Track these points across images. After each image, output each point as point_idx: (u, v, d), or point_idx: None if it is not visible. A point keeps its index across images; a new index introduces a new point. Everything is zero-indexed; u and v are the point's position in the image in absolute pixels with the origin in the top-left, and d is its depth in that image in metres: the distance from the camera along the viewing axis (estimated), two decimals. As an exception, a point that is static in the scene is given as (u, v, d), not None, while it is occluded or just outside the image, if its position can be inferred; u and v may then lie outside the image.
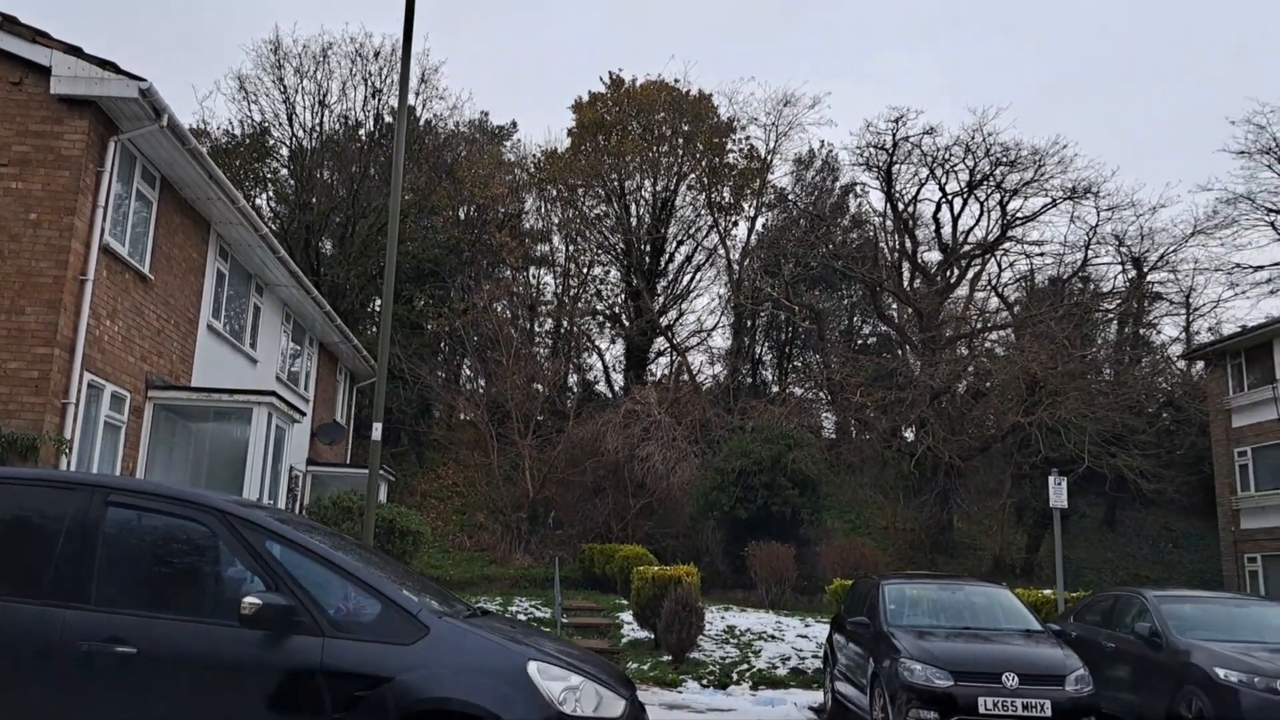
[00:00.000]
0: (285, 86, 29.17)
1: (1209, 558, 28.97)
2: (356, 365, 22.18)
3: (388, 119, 33.02)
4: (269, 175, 31.84)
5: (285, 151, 31.00)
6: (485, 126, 39.41)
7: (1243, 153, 34.61)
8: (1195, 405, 29.58)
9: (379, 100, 30.66)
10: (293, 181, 31.42)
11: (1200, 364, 30.62)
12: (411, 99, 30.85)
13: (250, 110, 30.04)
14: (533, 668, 4.78)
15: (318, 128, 30.29)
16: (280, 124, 30.20)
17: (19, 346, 9.68)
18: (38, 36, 10.06)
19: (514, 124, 40.09)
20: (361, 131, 32.14)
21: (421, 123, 33.89)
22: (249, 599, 4.50)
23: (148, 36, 69.42)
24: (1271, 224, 34.69)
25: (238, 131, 30.79)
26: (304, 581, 4.74)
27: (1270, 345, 26.31)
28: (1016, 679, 8.46)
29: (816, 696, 11.73)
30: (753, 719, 10.25)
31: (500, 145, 38.78)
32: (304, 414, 15.04)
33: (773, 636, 14.96)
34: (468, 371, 33.14)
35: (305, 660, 4.54)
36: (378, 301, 33.93)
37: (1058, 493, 14.26)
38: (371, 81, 30.29)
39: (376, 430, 10.08)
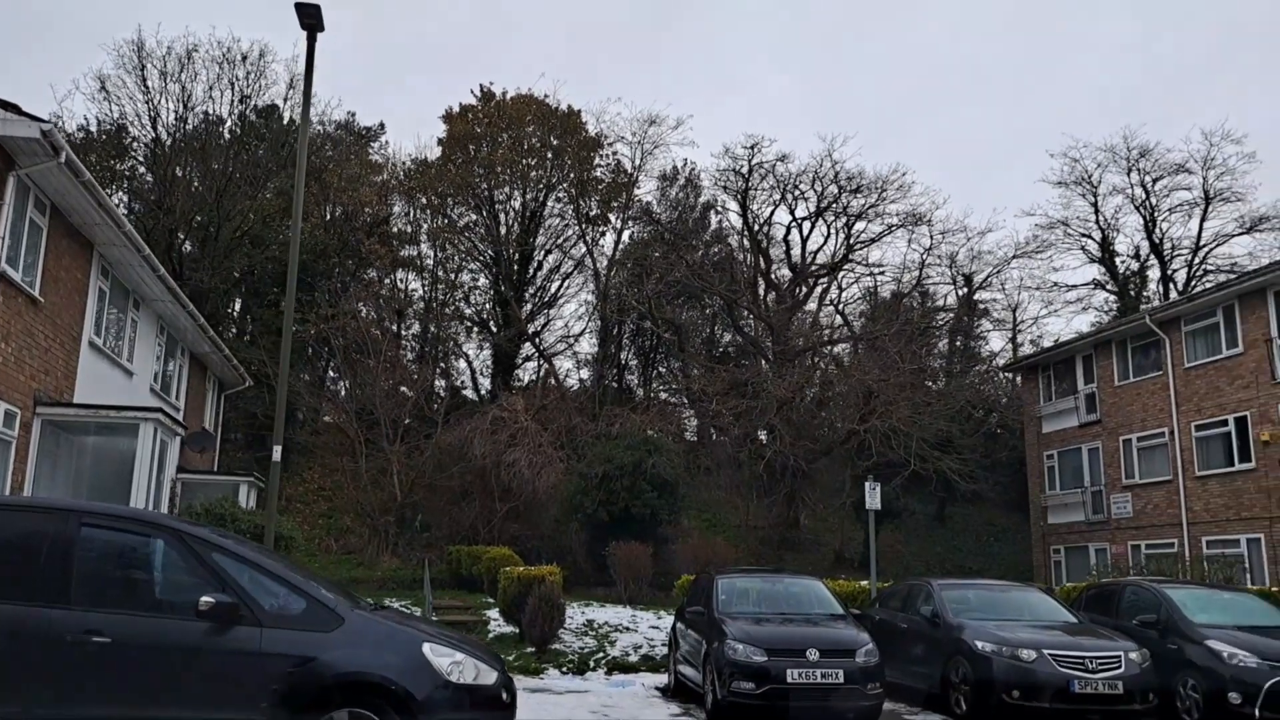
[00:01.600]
0: (149, 87, 29.15)
1: (1023, 549, 32.56)
2: (225, 373, 22.80)
3: (253, 118, 33.23)
4: (125, 173, 31.58)
5: (144, 151, 30.86)
6: (352, 127, 39.82)
7: (1060, 183, 38.90)
8: (1012, 414, 33.20)
9: (246, 105, 30.92)
10: (150, 179, 31.28)
11: (1017, 376, 34.35)
12: (281, 105, 31.30)
13: (110, 109, 29.85)
14: (426, 647, 6.34)
15: (181, 128, 30.34)
16: (141, 123, 30.12)
17: (-81, 370, 10.44)
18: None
19: (381, 125, 40.64)
20: (224, 129, 32.23)
21: (285, 121, 34.21)
22: (205, 598, 5.88)
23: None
24: (1083, 248, 39.10)
25: (94, 129, 30.50)
26: (244, 584, 6.14)
27: (1074, 360, 29.98)
28: (818, 653, 10.47)
29: (663, 679, 13.58)
30: (605, 698, 11.96)
31: (367, 146, 39.33)
32: (185, 427, 15.83)
33: (628, 628, 16.77)
34: (333, 374, 33.77)
35: (247, 645, 5.95)
36: (238, 304, 34.14)
37: (872, 497, 16.60)
38: (239, 86, 30.53)
39: (276, 453, 11.28)
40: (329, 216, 34.29)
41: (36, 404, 12.45)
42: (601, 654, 14.95)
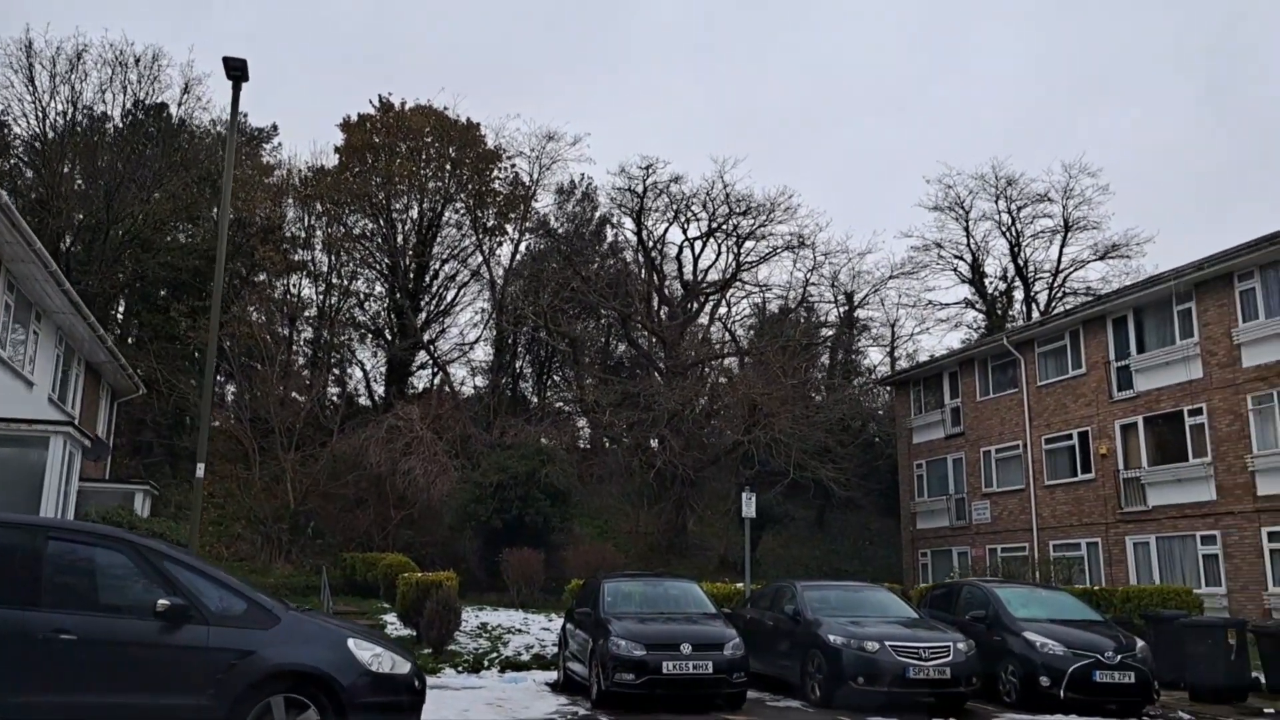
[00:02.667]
0: (36, 86, 28.93)
1: (896, 552, 35.06)
2: (118, 382, 23.10)
3: (140, 117, 33.11)
4: (6, 170, 31.12)
5: (25, 148, 30.52)
6: (244, 128, 39.82)
7: (935, 208, 41.87)
8: (887, 425, 35.72)
9: (138, 108, 30.88)
10: (30, 174, 30.94)
11: (890, 389, 36.95)
12: (174, 109, 31.36)
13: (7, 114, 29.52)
14: (350, 642, 7.56)
15: (69, 127, 30.12)
16: (27, 121, 29.83)
17: None
18: None
19: (274, 127, 40.76)
20: (110, 125, 32.05)
21: (175, 120, 34.19)
22: (160, 600, 6.97)
23: None
24: (955, 269, 42.14)
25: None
26: (192, 588, 7.25)
27: (941, 376, 32.58)
28: (690, 648, 12.00)
29: (553, 675, 14.93)
30: (499, 692, 13.20)
31: (260, 148, 39.43)
32: (90, 439, 16.29)
33: (520, 630, 18.04)
34: (220, 378, 33.89)
35: (196, 640, 7.07)
36: (122, 307, 33.87)
37: (748, 506, 18.32)
38: (131, 89, 30.51)
39: (200, 469, 12.14)
40: (207, 214, 34.26)
41: (-54, 418, 13.01)
42: (495, 654, 16.19)
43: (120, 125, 32.15)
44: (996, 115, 79.35)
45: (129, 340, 30.55)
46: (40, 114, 29.40)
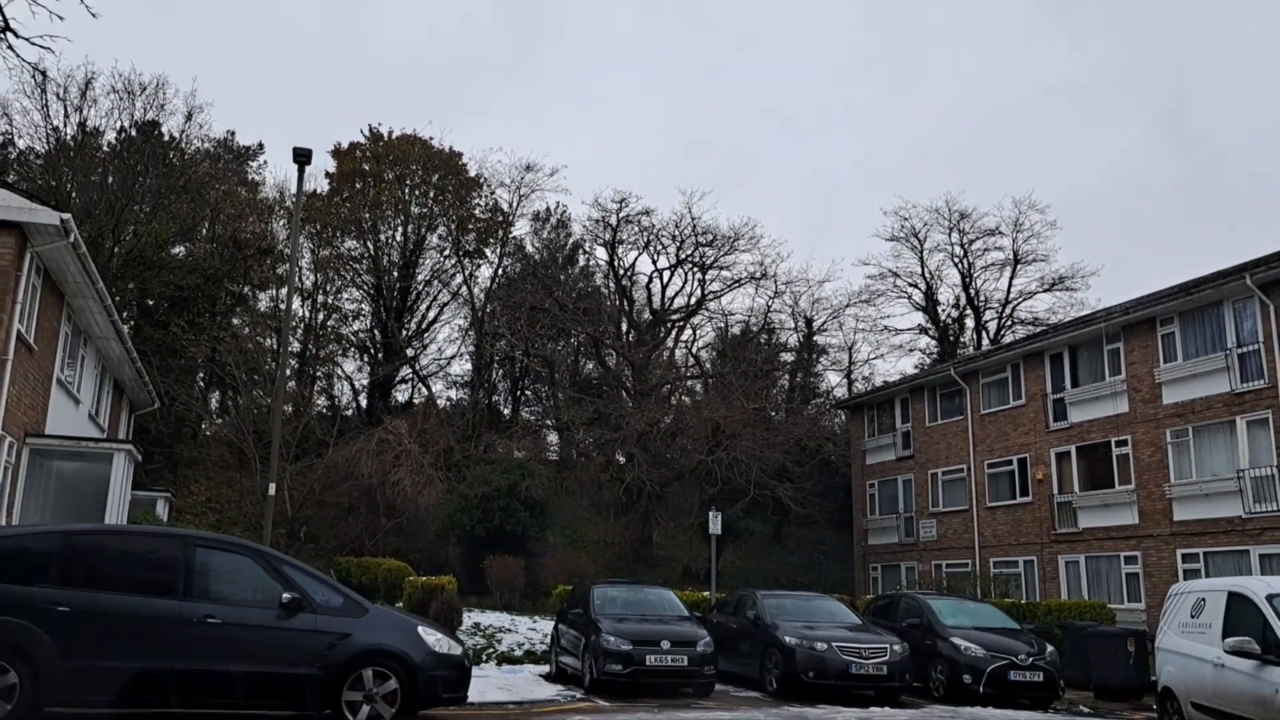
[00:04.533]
0: (50, 112, 30.82)
1: (849, 566, 37.77)
2: (137, 396, 25.13)
3: (139, 140, 34.98)
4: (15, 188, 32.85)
5: (35, 169, 32.33)
6: (231, 145, 41.72)
7: (893, 238, 44.83)
8: (841, 447, 38.50)
9: (145, 135, 32.78)
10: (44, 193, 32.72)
11: (844, 412, 39.77)
12: (178, 135, 33.32)
13: (9, 129, 31.35)
14: (420, 628, 9.96)
15: (79, 150, 31.96)
16: (37, 139, 31.66)
17: (-43, 412, 13.16)
18: (-21, 172, 13.49)
19: (260, 145, 42.63)
20: (104, 143, 33.85)
21: (166, 136, 36.09)
22: (285, 594, 9.32)
23: None
24: (909, 297, 45.13)
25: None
26: (304, 586, 9.60)
27: (893, 401, 35.41)
28: (669, 644, 14.49)
29: (544, 669, 17.32)
30: (502, 680, 15.54)
31: (246, 165, 41.36)
32: (140, 456, 18.34)
33: (509, 630, 20.39)
34: (217, 392, 35.92)
35: (307, 625, 9.41)
36: (130, 324, 35.64)
37: (714, 523, 20.88)
38: (137, 116, 32.42)
39: (271, 488, 14.39)
40: (205, 232, 36.22)
41: (26, 435, 15.11)
42: (491, 650, 18.54)
43: (115, 144, 34.00)
44: (945, 141, 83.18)
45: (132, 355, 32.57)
46: (48, 136, 31.24)
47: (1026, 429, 29.52)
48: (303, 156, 15.65)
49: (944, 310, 45.77)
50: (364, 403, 37.87)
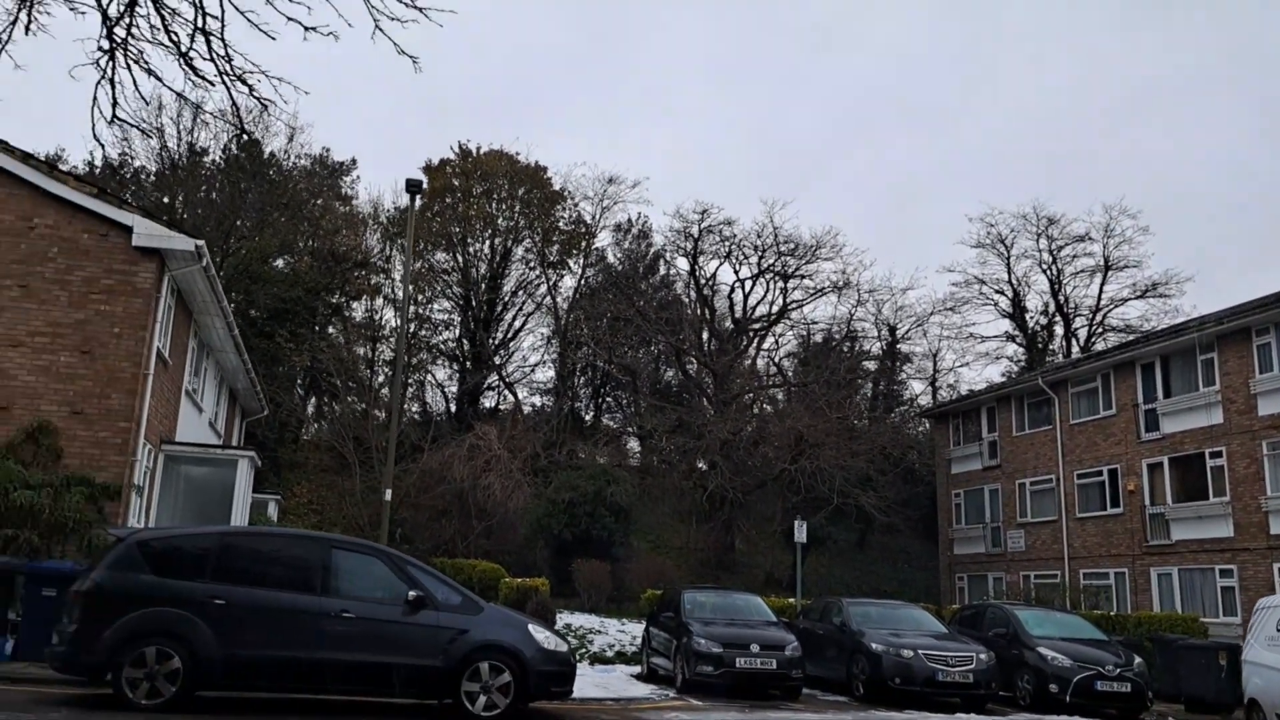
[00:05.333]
0: (165, 136, 32.96)
1: (933, 575, 37.86)
2: (249, 403, 26.78)
3: (244, 160, 37.03)
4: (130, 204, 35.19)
5: (148, 186, 34.52)
6: (326, 161, 43.69)
7: (978, 245, 44.68)
8: (925, 456, 38.59)
9: (249, 153, 34.71)
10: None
11: (928, 421, 39.82)
12: (280, 153, 35.18)
13: (129, 154, 33.59)
14: (530, 626, 10.84)
15: (179, 165, 34.05)
16: (151, 158, 33.81)
17: (107, 422, 14.52)
18: (124, 204, 14.91)
19: (353, 161, 44.54)
20: (209, 160, 35.89)
21: (266, 154, 38.07)
22: (411, 592, 10.28)
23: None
24: (995, 304, 44.91)
25: (98, 164, 34.18)
26: (427, 585, 10.56)
27: (979, 410, 35.42)
28: (758, 647, 15.17)
29: (636, 669, 18.13)
30: (597, 679, 16.38)
31: (340, 180, 43.28)
32: (260, 462, 19.75)
33: (599, 631, 21.28)
34: (313, 398, 37.76)
35: (430, 621, 10.35)
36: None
37: (800, 531, 21.46)
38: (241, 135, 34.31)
39: (387, 494, 15.54)
40: (302, 245, 38.03)
41: (162, 443, 16.52)
42: (584, 650, 19.42)
43: (220, 162, 36.04)
44: (1034, 143, 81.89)
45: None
46: (160, 156, 33.33)
47: (1117, 439, 29.37)
48: (415, 187, 16.78)
49: (1032, 317, 45.47)
50: (454, 409, 39.29)
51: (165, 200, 35.24)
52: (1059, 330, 45.21)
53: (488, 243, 38.21)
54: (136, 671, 9.48)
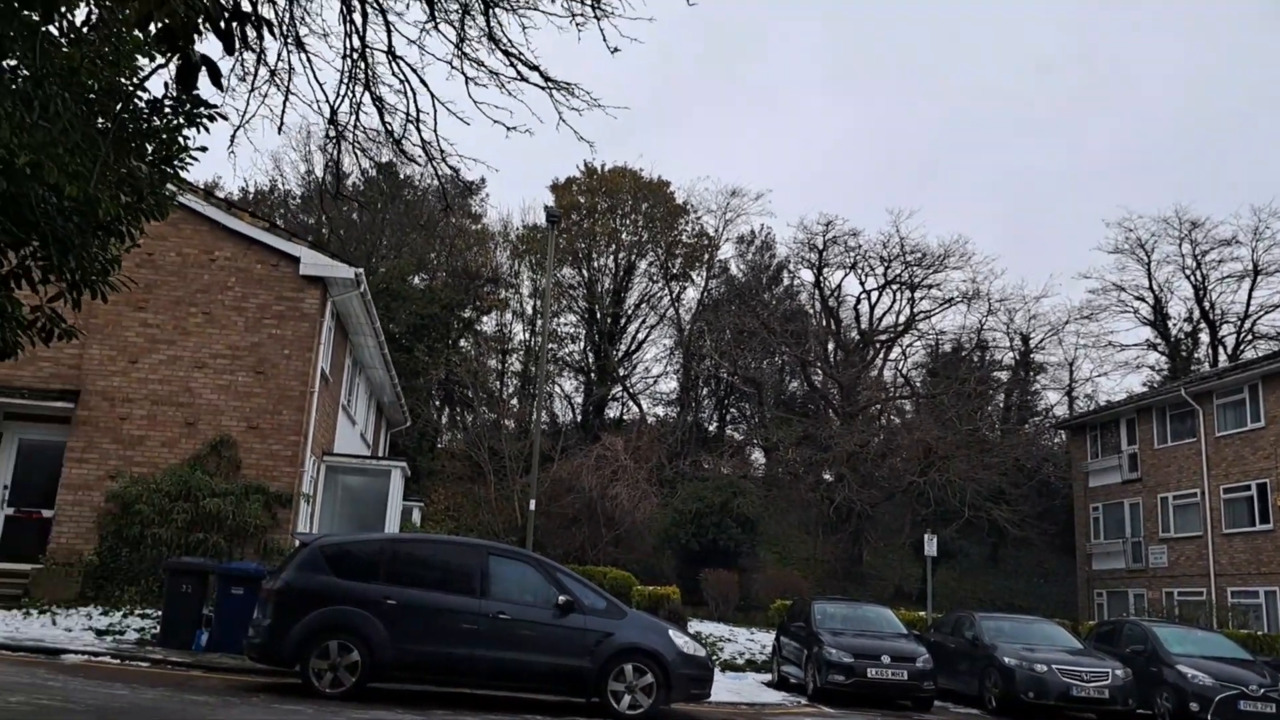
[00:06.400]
0: (312, 165, 35.30)
1: (1070, 591, 37.06)
2: (393, 415, 28.56)
3: (374, 176, 39.24)
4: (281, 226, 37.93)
5: (294, 210, 37.03)
6: (456, 181, 45.69)
7: (1116, 250, 43.42)
8: (1061, 468, 37.83)
9: (389, 174, 36.79)
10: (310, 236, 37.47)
11: (1063, 433, 38.97)
12: (417, 180, 37.14)
13: (277, 177, 36.13)
14: (670, 631, 11.61)
15: (321, 188, 36.34)
16: (297, 182, 36.24)
17: (279, 435, 16.04)
18: (293, 236, 16.44)
19: (482, 180, 46.52)
20: (349, 183, 38.15)
21: (401, 176, 40.17)
22: (561, 597, 11.19)
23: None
24: (1135, 311, 43.55)
25: (250, 188, 36.91)
26: (575, 591, 11.45)
27: (1118, 422, 34.57)
28: (889, 658, 15.56)
29: (766, 676, 18.69)
30: (729, 685, 17.02)
31: (469, 199, 45.25)
32: (410, 472, 21.24)
33: (729, 640, 21.90)
34: (447, 409, 39.64)
35: (579, 625, 11.23)
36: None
37: (930, 545, 21.63)
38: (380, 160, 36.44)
39: (532, 504, 16.68)
40: (435, 261, 39.94)
41: (324, 454, 18.02)
42: (714, 658, 20.04)
43: (360, 184, 38.27)
44: (1173, 144, 78.59)
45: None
46: (305, 180, 35.72)
47: (1266, 453, 28.36)
48: (554, 218, 17.88)
49: (1175, 325, 43.92)
50: (581, 419, 40.58)
51: (311, 221, 37.71)
52: (1204, 338, 43.56)
53: (612, 257, 39.41)
54: (321, 663, 10.66)
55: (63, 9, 5.47)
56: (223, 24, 4.66)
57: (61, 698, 9.44)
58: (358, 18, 7.07)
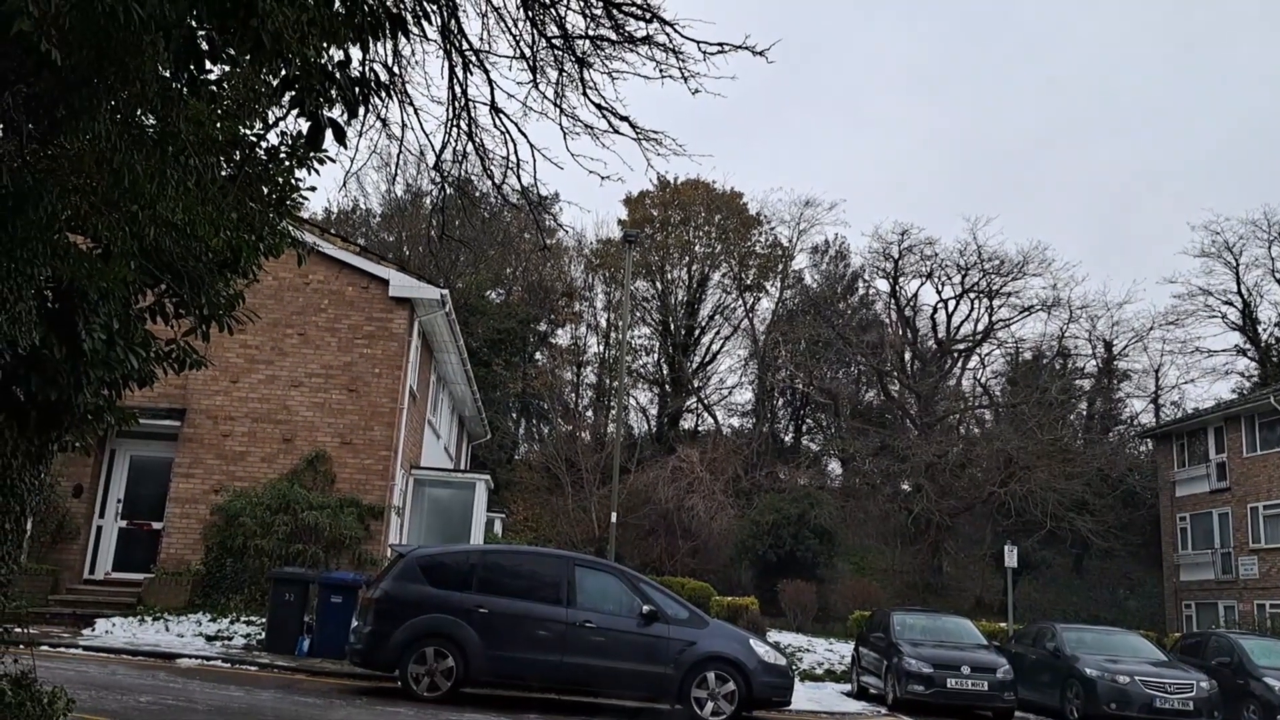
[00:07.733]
0: (396, 191, 36.55)
1: (1156, 603, 36.30)
2: (474, 428, 29.43)
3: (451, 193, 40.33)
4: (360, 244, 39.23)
5: (373, 227, 38.30)
6: (531, 195, 46.68)
7: (1202, 254, 42.44)
8: (1146, 478, 37.09)
9: (465, 190, 37.79)
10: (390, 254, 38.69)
11: (1149, 441, 38.18)
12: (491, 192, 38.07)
13: (360, 197, 37.47)
14: (751, 640, 11.99)
15: (408, 207, 37.58)
16: (378, 200, 37.52)
17: (370, 450, 16.85)
18: (382, 260, 17.26)
19: (556, 194, 47.30)
20: (427, 200, 39.41)
21: (477, 193, 41.20)
22: (645, 607, 11.66)
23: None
24: (1224, 316, 42.49)
25: (334, 210, 38.32)
26: (658, 601, 11.91)
27: (1205, 430, 33.84)
28: (969, 669, 15.69)
29: (845, 686, 18.90)
30: (808, 694, 17.28)
31: (544, 213, 46.19)
32: (493, 484, 21.97)
33: (808, 650, 22.12)
34: (523, 421, 40.52)
35: (662, 634, 11.68)
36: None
37: (1010, 556, 21.58)
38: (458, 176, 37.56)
39: (613, 516, 17.24)
40: (511, 275, 40.86)
41: (411, 468, 18.81)
42: (794, 668, 20.30)
43: (436, 201, 39.41)
44: (1261, 145, 76.14)
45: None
46: (386, 198, 36.93)
47: (1364, 461, 27.59)
48: (631, 239, 18.47)
49: (1265, 330, 42.69)
50: (655, 430, 41.06)
51: (390, 239, 38.92)
52: (1298, 344, 42.25)
53: (685, 270, 39.87)
54: (419, 668, 11.30)
55: (192, 67, 6.09)
56: (349, 90, 5.23)
57: (185, 699, 10.21)
58: (460, 71, 7.66)
